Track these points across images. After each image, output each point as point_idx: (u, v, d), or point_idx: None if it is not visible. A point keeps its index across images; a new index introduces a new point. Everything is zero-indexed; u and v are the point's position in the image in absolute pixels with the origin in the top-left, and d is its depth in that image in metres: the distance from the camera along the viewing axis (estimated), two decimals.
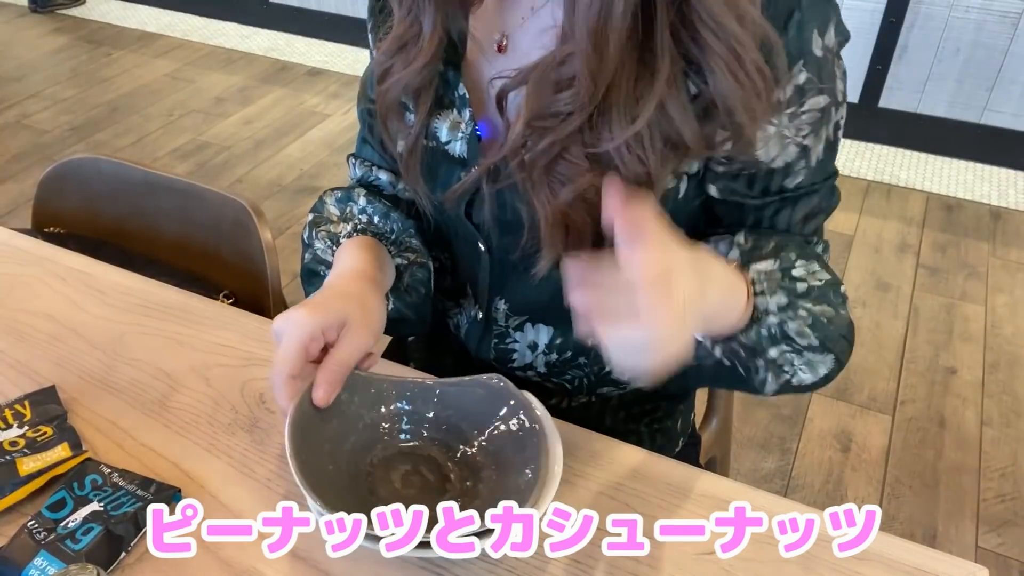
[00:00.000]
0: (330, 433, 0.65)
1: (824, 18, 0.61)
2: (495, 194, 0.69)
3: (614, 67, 0.57)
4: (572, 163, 0.62)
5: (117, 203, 1.17)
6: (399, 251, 0.80)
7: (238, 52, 3.61)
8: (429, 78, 0.69)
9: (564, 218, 0.64)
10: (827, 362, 0.67)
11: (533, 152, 0.62)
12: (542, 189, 0.63)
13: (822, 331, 0.65)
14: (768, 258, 0.65)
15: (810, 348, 0.66)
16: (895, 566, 0.62)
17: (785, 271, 0.65)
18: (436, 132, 0.72)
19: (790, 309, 0.64)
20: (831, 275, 0.68)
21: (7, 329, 0.83)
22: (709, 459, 1.04)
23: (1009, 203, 2.59)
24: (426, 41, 0.66)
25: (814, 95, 0.62)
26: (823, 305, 0.66)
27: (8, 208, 2.52)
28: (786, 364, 0.67)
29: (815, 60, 0.61)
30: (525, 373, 0.85)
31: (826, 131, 0.65)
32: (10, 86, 3.28)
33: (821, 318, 0.65)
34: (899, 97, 2.76)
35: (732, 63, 0.56)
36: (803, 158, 0.65)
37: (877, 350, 2.01)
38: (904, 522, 1.60)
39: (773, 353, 0.66)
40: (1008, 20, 2.51)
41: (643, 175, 0.61)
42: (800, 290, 0.65)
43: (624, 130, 0.59)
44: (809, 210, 0.69)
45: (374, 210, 0.81)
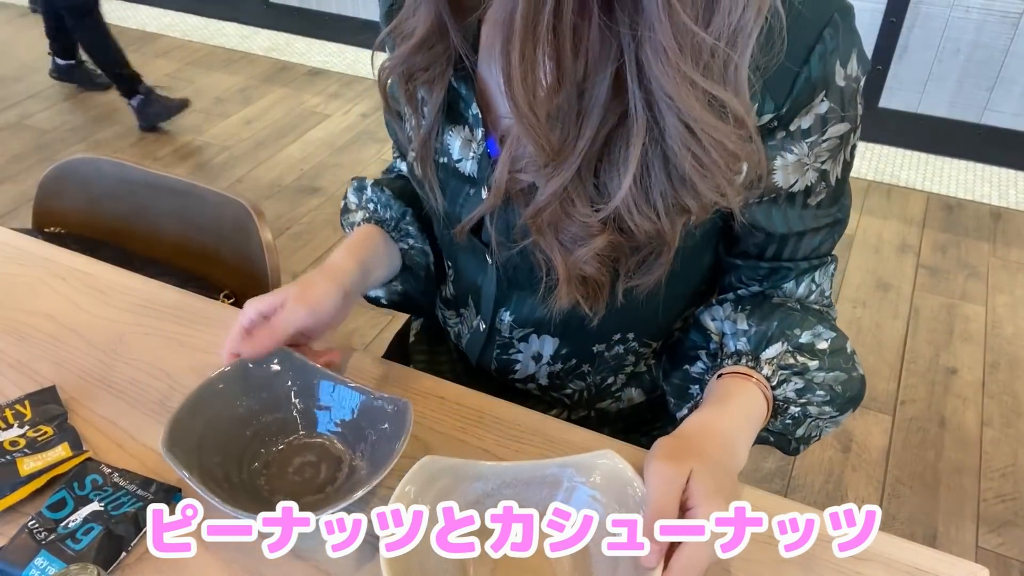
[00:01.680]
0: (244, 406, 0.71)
1: (847, 50, 0.60)
2: (502, 228, 0.69)
3: (560, 135, 0.58)
4: (582, 222, 0.61)
5: (117, 203, 1.17)
6: (400, 236, 0.85)
7: (238, 52, 3.61)
8: (431, 65, 0.66)
9: (581, 273, 0.64)
10: (847, 413, 0.73)
11: (536, 205, 0.62)
12: (555, 246, 0.64)
13: (840, 399, 0.70)
14: (776, 341, 0.69)
15: (832, 417, 0.72)
16: (895, 566, 0.62)
17: (796, 349, 0.69)
18: (448, 148, 0.71)
19: (807, 392, 0.69)
20: (834, 331, 0.71)
21: (7, 329, 0.83)
22: None
23: (1009, 203, 2.59)
24: (421, 19, 0.63)
25: (835, 123, 0.63)
26: (836, 372, 0.70)
27: (8, 208, 2.52)
28: (813, 431, 0.73)
29: (837, 90, 0.61)
30: (526, 385, 0.84)
31: (843, 154, 0.66)
32: (10, 86, 3.28)
33: (836, 386, 0.70)
34: (899, 97, 2.76)
35: (686, 138, 0.55)
36: (823, 180, 0.67)
37: (877, 350, 2.01)
38: (904, 522, 1.60)
39: (800, 432, 0.72)
40: (1008, 20, 2.51)
41: (655, 233, 0.61)
42: (812, 366, 0.69)
43: (617, 192, 0.59)
44: (827, 225, 0.70)
45: (377, 199, 0.85)
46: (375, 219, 0.85)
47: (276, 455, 0.70)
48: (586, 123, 0.57)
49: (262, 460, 0.69)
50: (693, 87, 0.53)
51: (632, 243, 0.63)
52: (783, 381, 0.68)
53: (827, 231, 0.71)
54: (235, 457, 0.68)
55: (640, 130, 0.56)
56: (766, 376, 0.68)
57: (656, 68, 0.52)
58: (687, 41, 0.51)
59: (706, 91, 0.54)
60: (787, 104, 0.61)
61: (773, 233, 0.69)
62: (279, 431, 0.71)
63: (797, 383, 0.69)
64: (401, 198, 0.84)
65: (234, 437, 0.69)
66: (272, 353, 0.72)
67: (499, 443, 0.72)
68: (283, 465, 0.69)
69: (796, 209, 0.68)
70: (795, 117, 0.62)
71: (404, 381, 0.78)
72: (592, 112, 0.57)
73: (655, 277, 0.66)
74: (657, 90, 0.54)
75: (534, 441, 0.72)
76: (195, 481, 0.61)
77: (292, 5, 3.69)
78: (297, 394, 0.72)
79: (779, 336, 0.69)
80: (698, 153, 0.56)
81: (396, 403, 0.68)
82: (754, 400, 0.67)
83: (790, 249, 0.71)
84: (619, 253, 0.64)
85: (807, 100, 0.61)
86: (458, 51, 0.65)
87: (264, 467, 0.69)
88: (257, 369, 0.72)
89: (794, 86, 0.60)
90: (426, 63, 0.66)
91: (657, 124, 0.56)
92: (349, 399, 0.71)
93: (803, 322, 0.70)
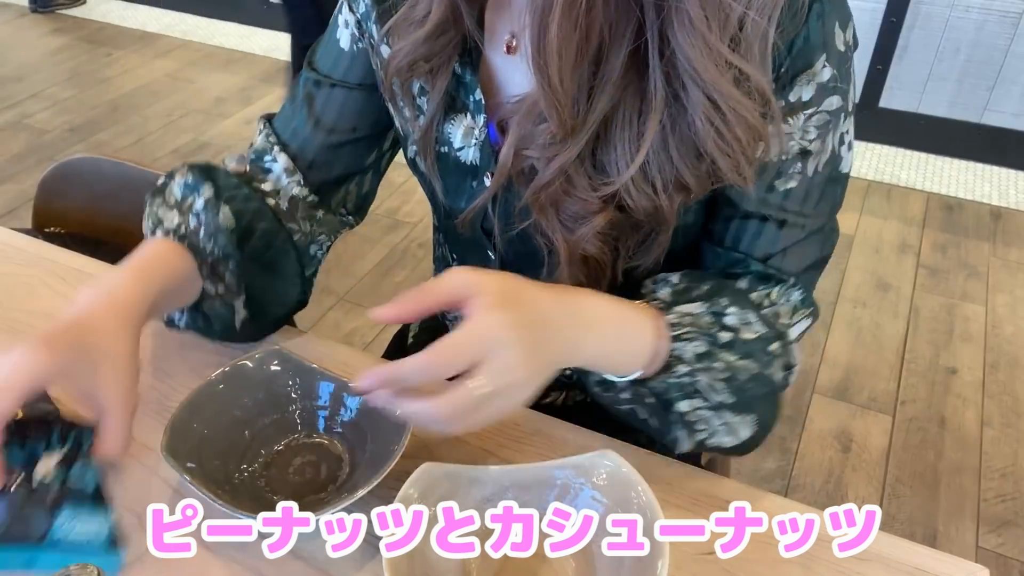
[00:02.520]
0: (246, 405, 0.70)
1: (844, 15, 0.59)
2: (504, 213, 0.69)
3: (583, 108, 0.57)
4: (582, 200, 0.61)
5: (117, 203, 1.17)
6: (210, 275, 0.72)
7: (238, 52, 3.61)
8: (438, 54, 0.65)
9: (582, 253, 0.64)
10: (748, 423, 0.64)
11: (538, 183, 0.62)
12: (556, 226, 0.63)
13: (739, 388, 0.61)
14: (697, 301, 0.62)
15: (726, 406, 0.62)
16: (895, 566, 0.62)
17: (716, 316, 0.61)
18: (449, 137, 0.70)
19: (707, 359, 0.60)
20: (770, 329, 0.63)
21: (7, 329, 0.83)
22: (710, 459, 1.04)
23: (1009, 203, 2.59)
24: (434, 6, 0.62)
25: (829, 95, 0.61)
26: (747, 360, 0.61)
27: (8, 208, 2.52)
28: (700, 422, 0.63)
29: (837, 55, 0.59)
30: None
31: (832, 141, 0.63)
32: (10, 86, 3.28)
33: (740, 373, 0.61)
34: (899, 97, 2.76)
35: (711, 112, 0.54)
36: (800, 162, 0.63)
37: (877, 350, 2.01)
38: (904, 522, 1.60)
39: (683, 406, 0.62)
40: (1008, 20, 2.51)
41: (652, 211, 0.61)
42: (724, 340, 0.61)
43: (626, 168, 0.58)
44: (791, 244, 0.66)
45: (206, 221, 0.71)
46: (189, 242, 0.70)
47: (276, 455, 0.70)
48: (598, 98, 0.57)
49: (262, 460, 0.69)
50: (720, 60, 0.52)
51: (631, 221, 0.63)
52: (686, 338, 0.60)
53: (795, 237, 0.65)
54: (235, 458, 0.68)
55: (659, 106, 0.55)
56: (671, 323, 0.60)
57: (682, 39, 0.52)
58: (715, 10, 0.51)
59: (732, 64, 0.53)
60: (785, 66, 0.58)
61: (735, 204, 0.65)
62: (279, 431, 0.71)
63: (700, 347, 0.60)
64: (235, 233, 0.71)
65: (234, 438, 0.69)
66: (272, 353, 0.72)
67: (499, 443, 0.72)
68: (283, 465, 0.69)
69: (762, 183, 0.63)
70: (795, 84, 0.59)
71: None
72: (605, 87, 0.57)
73: (654, 256, 0.66)
74: (682, 63, 0.53)
75: (534, 441, 0.72)
76: (195, 482, 0.61)
77: None
78: (297, 394, 0.72)
79: (705, 299, 0.62)
80: (721, 129, 0.55)
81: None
82: (641, 322, 0.60)
83: (747, 238, 0.65)
84: (620, 231, 0.64)
85: (806, 64, 0.58)
86: (465, 38, 0.65)
87: (264, 467, 0.69)
88: (257, 369, 0.72)
89: (792, 47, 0.57)
90: (433, 52, 0.65)
91: (677, 99, 0.55)
92: (349, 399, 0.71)
93: (738, 302, 0.62)
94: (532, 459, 0.70)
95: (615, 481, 0.61)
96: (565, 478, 0.63)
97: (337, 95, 0.76)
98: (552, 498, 0.63)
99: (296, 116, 0.78)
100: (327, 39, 0.77)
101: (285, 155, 0.78)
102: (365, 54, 0.75)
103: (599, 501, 0.62)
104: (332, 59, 0.76)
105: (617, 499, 0.61)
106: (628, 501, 0.60)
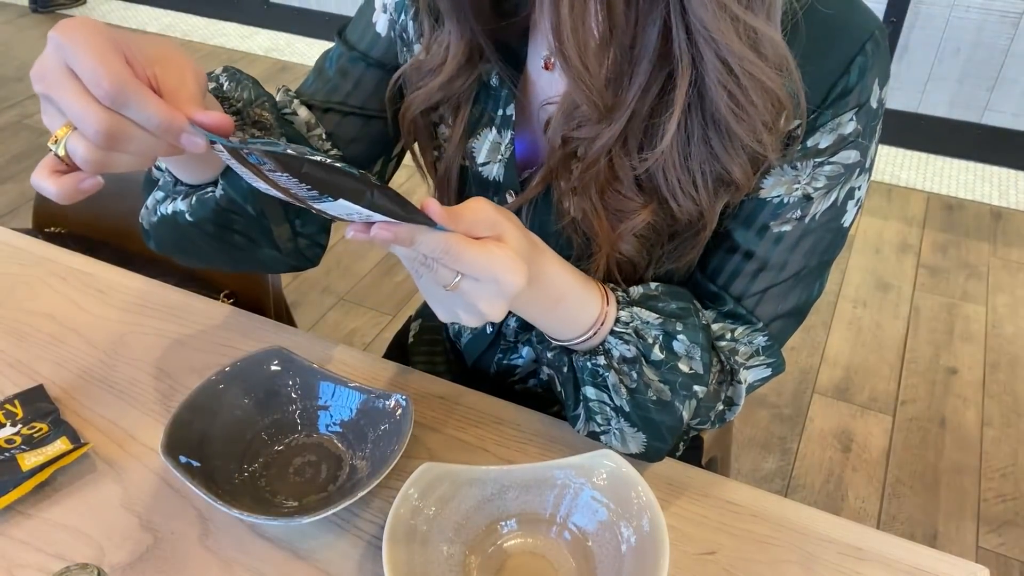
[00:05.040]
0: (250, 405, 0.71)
1: (885, 74, 0.59)
2: (536, 227, 0.68)
3: (612, 89, 0.56)
4: (624, 197, 0.61)
5: (118, 203, 1.17)
6: (242, 124, 0.66)
7: (238, 52, 3.61)
8: (457, 94, 0.66)
9: (619, 255, 0.63)
10: (637, 440, 0.64)
11: (585, 164, 0.61)
12: (601, 215, 0.62)
13: (640, 403, 0.62)
14: (656, 313, 0.62)
15: (623, 413, 0.63)
16: (895, 566, 0.62)
17: (664, 336, 0.61)
18: (473, 152, 0.69)
19: (628, 365, 0.61)
20: (711, 370, 0.63)
21: (7, 329, 0.83)
22: (710, 459, 1.04)
23: (1010, 203, 2.59)
24: (451, 56, 0.63)
25: (848, 148, 0.60)
26: (664, 385, 0.61)
27: (8, 208, 2.52)
28: (599, 416, 0.64)
29: (868, 112, 0.59)
30: (525, 384, 0.84)
31: (839, 193, 0.62)
32: (10, 86, 3.28)
33: (648, 392, 0.61)
34: (899, 97, 2.76)
35: (723, 75, 0.53)
36: (800, 208, 0.62)
37: (877, 350, 2.01)
38: (904, 522, 1.60)
39: (590, 392, 0.63)
40: (1008, 20, 2.51)
41: (696, 213, 0.60)
42: (655, 359, 0.61)
43: (659, 143, 0.57)
44: (768, 287, 0.64)
45: (237, 78, 0.67)
46: (218, 96, 0.65)
47: (276, 455, 0.70)
48: (636, 72, 0.56)
49: (262, 460, 0.69)
50: (734, 21, 0.51)
51: (672, 225, 0.62)
52: (623, 338, 0.61)
53: (773, 281, 0.64)
54: (235, 457, 0.68)
55: (685, 73, 0.54)
56: (619, 319, 0.61)
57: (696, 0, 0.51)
58: None
59: (747, 25, 0.52)
60: (820, 109, 0.58)
61: (727, 232, 0.64)
62: (279, 431, 0.71)
63: (629, 352, 0.61)
64: (269, 102, 0.68)
65: (234, 437, 0.69)
66: (272, 353, 0.72)
67: (499, 443, 0.72)
68: (283, 465, 0.69)
69: (755, 221, 0.63)
70: (817, 130, 0.59)
71: (404, 381, 0.78)
72: (642, 61, 0.56)
73: (687, 261, 0.65)
74: (695, 23, 0.52)
75: (535, 441, 0.72)
76: (195, 482, 0.61)
77: (292, 5, 3.69)
78: (297, 394, 0.72)
79: (665, 315, 0.62)
80: (734, 92, 0.54)
81: (396, 402, 0.68)
82: (592, 296, 0.61)
83: (726, 274, 0.65)
84: (657, 236, 0.63)
85: (836, 112, 0.58)
86: (469, 52, 0.64)
87: (264, 467, 0.69)
88: (257, 369, 0.72)
89: (830, 92, 0.57)
90: (451, 94, 0.66)
91: (695, 65, 0.54)
92: (349, 399, 0.71)
93: (691, 334, 0.62)
94: (532, 459, 0.70)
95: (615, 481, 0.61)
96: (565, 478, 0.63)
97: (372, 74, 0.73)
98: (552, 498, 0.63)
99: (326, 83, 0.73)
100: (362, 19, 0.74)
101: (306, 109, 0.73)
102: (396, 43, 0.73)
103: (599, 501, 0.62)
104: (368, 40, 0.73)
105: (617, 499, 0.61)
106: (628, 501, 0.60)
